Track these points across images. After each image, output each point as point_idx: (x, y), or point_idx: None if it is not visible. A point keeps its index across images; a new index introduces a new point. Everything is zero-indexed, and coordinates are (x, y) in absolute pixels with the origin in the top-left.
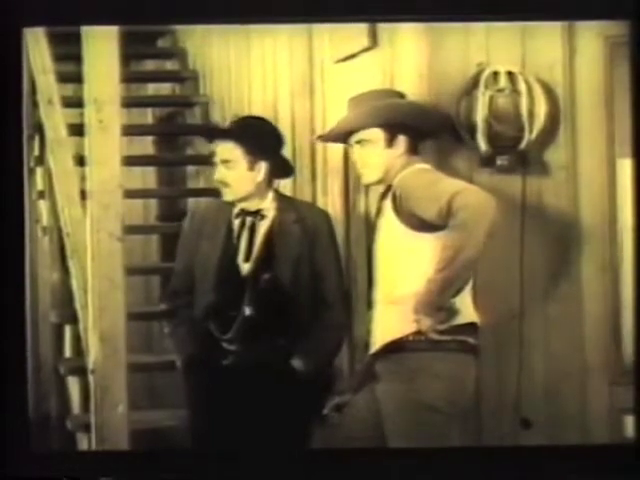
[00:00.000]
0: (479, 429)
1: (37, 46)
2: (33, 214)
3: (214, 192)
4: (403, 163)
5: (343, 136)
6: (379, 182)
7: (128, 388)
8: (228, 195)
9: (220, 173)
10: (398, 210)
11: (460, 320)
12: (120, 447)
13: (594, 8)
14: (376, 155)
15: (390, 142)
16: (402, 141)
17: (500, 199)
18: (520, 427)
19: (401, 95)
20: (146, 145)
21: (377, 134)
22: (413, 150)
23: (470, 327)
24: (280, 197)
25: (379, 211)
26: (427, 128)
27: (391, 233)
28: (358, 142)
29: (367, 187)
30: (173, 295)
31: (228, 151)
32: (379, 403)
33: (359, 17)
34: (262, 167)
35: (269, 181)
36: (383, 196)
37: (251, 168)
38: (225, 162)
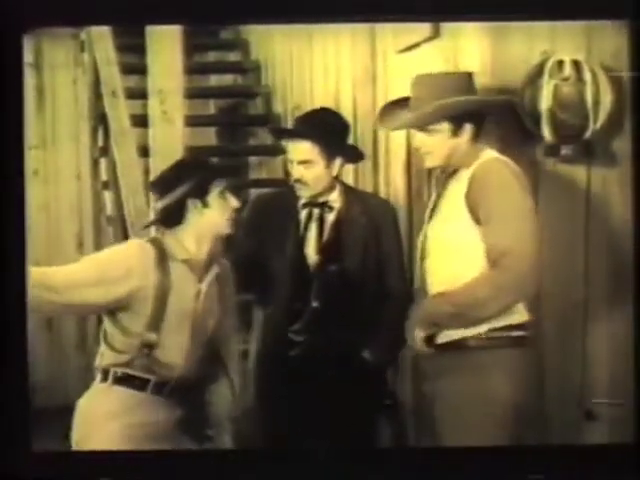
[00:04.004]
0: (541, 422)
1: (101, 38)
2: (97, 204)
3: (277, 182)
4: (468, 149)
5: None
6: (442, 166)
7: None
8: (305, 192)
9: (299, 173)
10: (468, 197)
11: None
12: None
13: (593, 8)
14: (441, 142)
15: (456, 132)
16: (468, 128)
17: (565, 188)
18: (584, 419)
19: (468, 75)
20: (209, 136)
21: (443, 125)
22: (478, 136)
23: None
24: (346, 188)
25: (443, 190)
26: (491, 113)
27: (452, 216)
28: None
29: (429, 171)
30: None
31: (306, 151)
32: (432, 400)
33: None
34: (337, 162)
35: (339, 173)
36: (450, 176)
37: (328, 165)
38: (304, 162)
